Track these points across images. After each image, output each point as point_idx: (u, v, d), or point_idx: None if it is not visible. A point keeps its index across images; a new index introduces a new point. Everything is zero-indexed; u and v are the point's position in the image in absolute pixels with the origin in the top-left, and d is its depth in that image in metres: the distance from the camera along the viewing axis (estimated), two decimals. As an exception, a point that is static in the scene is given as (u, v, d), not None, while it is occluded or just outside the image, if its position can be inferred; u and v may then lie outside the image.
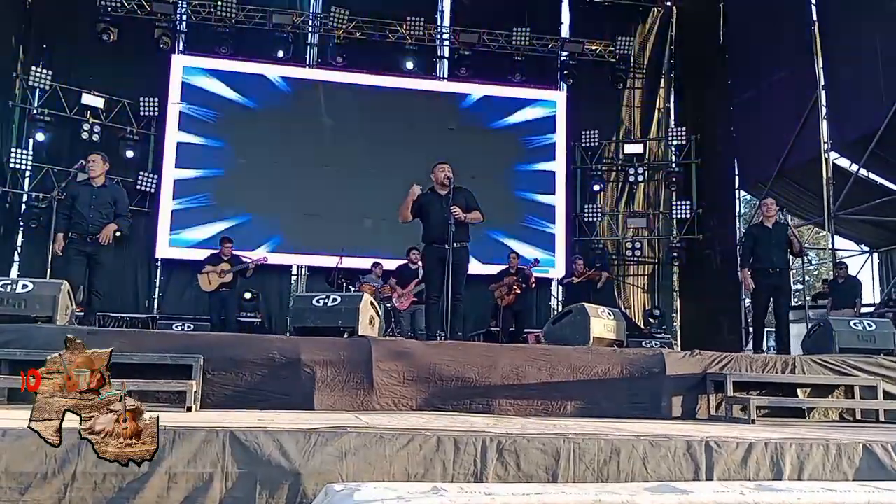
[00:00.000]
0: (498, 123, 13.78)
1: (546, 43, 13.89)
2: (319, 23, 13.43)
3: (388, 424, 3.32)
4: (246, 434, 2.84)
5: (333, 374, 4.82)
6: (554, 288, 13.84)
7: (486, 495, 2.46)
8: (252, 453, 2.81)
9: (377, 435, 2.94)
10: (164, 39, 12.43)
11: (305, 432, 2.90)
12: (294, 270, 13.25)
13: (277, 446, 2.83)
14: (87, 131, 11.89)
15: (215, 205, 12.54)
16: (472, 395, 5.00)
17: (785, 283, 7.57)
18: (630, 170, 13.94)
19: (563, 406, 5.07)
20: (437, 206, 6.54)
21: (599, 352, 5.47)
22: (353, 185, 13.03)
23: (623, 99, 14.55)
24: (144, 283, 12.50)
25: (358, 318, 5.39)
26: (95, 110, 12.09)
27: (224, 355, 4.78)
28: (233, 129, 12.85)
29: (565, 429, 3.44)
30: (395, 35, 13.36)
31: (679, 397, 5.24)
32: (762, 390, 5.33)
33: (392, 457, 2.91)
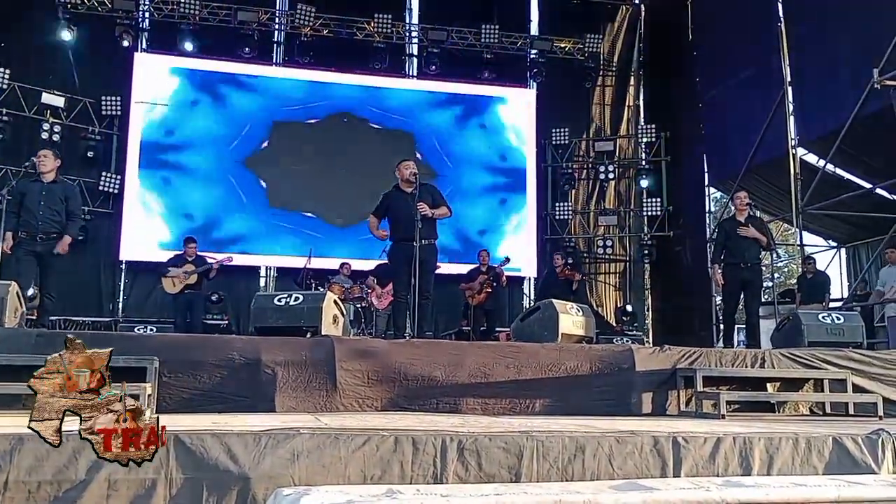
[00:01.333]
0: (467, 121, 13.68)
1: (515, 41, 13.83)
2: (286, 20, 13.24)
3: (345, 425, 3.19)
4: (191, 437, 2.69)
5: (295, 375, 4.70)
6: (526, 286, 13.80)
7: (443, 497, 2.34)
8: (198, 458, 2.66)
9: (331, 436, 2.81)
10: (125, 37, 12.15)
11: (255, 434, 2.76)
12: (262, 272, 13.05)
13: (225, 450, 2.69)
14: (48, 131, 11.58)
15: (180, 205, 12.31)
16: (439, 395, 4.91)
17: (756, 277, 7.56)
18: (601, 167, 13.94)
19: (531, 404, 5.00)
20: (403, 204, 6.44)
21: (568, 348, 5.40)
22: (322, 183, 12.89)
23: (593, 97, 14.54)
24: (108, 287, 12.22)
25: (321, 317, 5.26)
26: (56, 110, 11.79)
27: (181, 357, 4.63)
28: (198, 127, 12.62)
29: (531, 427, 3.33)
30: (363, 33, 13.21)
31: (649, 393, 5.19)
32: (732, 385, 5.28)
33: (347, 458, 2.78)
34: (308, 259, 10.79)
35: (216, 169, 12.62)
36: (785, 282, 20.82)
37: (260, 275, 13.04)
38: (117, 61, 12.39)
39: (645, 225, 14.08)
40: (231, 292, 12.04)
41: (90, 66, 12.29)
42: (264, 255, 12.73)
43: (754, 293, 7.59)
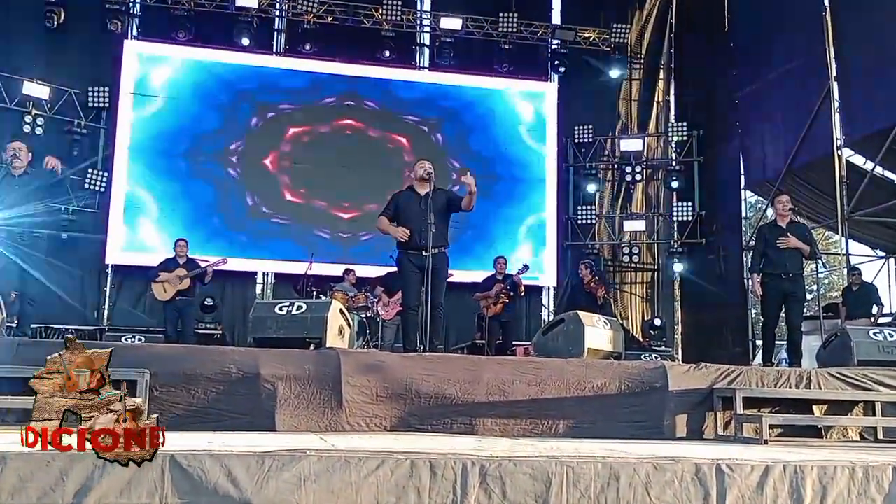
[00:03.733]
0: (481, 117, 13.66)
1: (535, 30, 13.81)
2: (287, 6, 13.27)
3: (355, 447, 3.16)
4: (189, 459, 2.66)
5: (297, 391, 4.69)
6: (545, 297, 13.74)
7: (466, 528, 2.29)
8: (195, 481, 2.64)
9: (342, 459, 2.78)
10: (114, 23, 12.18)
11: (258, 456, 2.73)
12: (259, 277, 13.05)
13: (225, 472, 2.66)
14: (30, 124, 11.63)
15: (172, 205, 12.32)
16: (453, 414, 4.88)
17: (799, 289, 7.47)
18: (627, 168, 13.87)
19: (554, 425, 4.97)
20: (415, 207, 6.40)
21: (595, 365, 5.36)
22: (326, 182, 12.90)
23: (619, 91, 14.50)
24: (93, 292, 12.25)
25: (325, 327, 5.25)
26: (39, 101, 11.82)
27: (174, 370, 4.61)
28: (192, 121, 12.65)
29: (557, 451, 3.29)
30: (371, 20, 13.22)
31: (683, 415, 5.14)
32: (775, 407, 5.23)
33: (359, 484, 2.74)
34: (309, 264, 10.77)
35: (211, 166, 12.64)
36: (826, 294, 20.66)
37: (257, 281, 13.05)
38: (105, 49, 12.42)
39: (675, 231, 13.99)
40: (225, 299, 12.05)
41: (76, 54, 12.34)
42: (261, 260, 12.72)
43: (797, 306, 7.51)
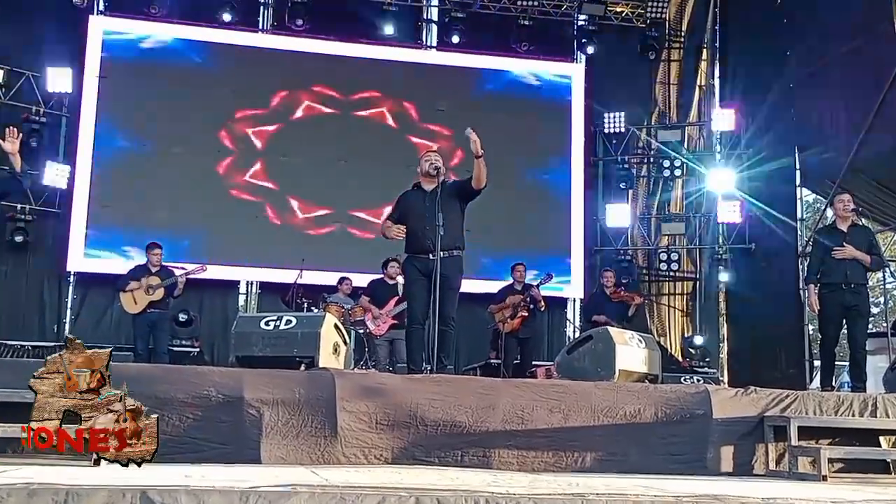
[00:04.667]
0: (498, 104, 13.70)
1: (559, 4, 13.86)
2: (276, -24, 13.38)
3: (352, 482, 3.18)
4: (162, 496, 2.70)
5: (286, 418, 4.74)
6: (570, 310, 13.75)
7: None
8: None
9: (337, 496, 2.81)
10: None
11: (242, 493, 2.77)
12: (242, 287, 13.10)
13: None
14: (-20, 112, 11.75)
15: (143, 204, 12.40)
16: (465, 445, 4.93)
17: (862, 302, 7.47)
18: (664, 162, 13.88)
19: (580, 458, 5.01)
20: (421, 206, 6.42)
21: (628, 389, 5.38)
22: (317, 180, 12.95)
23: (656, 74, 14.54)
24: (53, 303, 12.31)
25: (318, 345, 5.29)
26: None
27: (144, 392, 4.60)
28: (165, 110, 12.74)
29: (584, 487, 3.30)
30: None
31: (729, 447, 5.18)
32: (835, 438, 5.24)
33: (356, 525, 2.76)
34: (300, 273, 10.81)
35: (189, 161, 12.72)
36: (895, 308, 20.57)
37: (239, 291, 13.10)
38: (68, 26, 12.52)
39: (720, 235, 13.98)
40: (203, 312, 12.10)
41: (35, 32, 12.39)
42: (244, 267, 12.77)
43: (860, 322, 7.51)
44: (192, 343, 11.26)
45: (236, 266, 12.65)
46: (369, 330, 10.09)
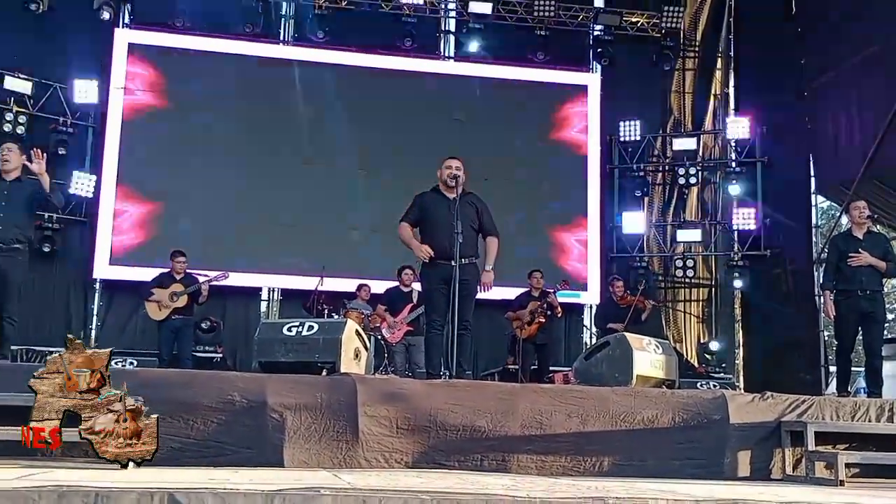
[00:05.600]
0: (514, 112, 13.70)
1: (576, 14, 13.84)
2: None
3: (374, 485, 3.18)
4: (189, 497, 2.70)
5: (308, 422, 4.76)
6: (586, 317, 13.71)
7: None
8: (196, 522, 2.67)
9: (359, 499, 2.81)
10: (104, 10, 12.37)
11: (267, 495, 2.77)
12: (264, 294, 13.14)
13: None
14: (11, 122, 11.82)
15: (167, 212, 12.47)
16: (484, 449, 4.94)
17: (878, 308, 7.41)
18: (680, 170, 13.83)
19: (598, 462, 5.01)
20: (443, 212, 6.43)
21: (645, 394, 5.37)
22: (337, 189, 12.98)
23: (671, 83, 14.48)
24: (79, 310, 12.39)
25: (340, 350, 5.30)
26: (21, 97, 12.04)
27: (170, 397, 4.67)
28: (189, 120, 12.81)
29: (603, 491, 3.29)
30: (390, 4, 13.33)
31: (746, 452, 5.16)
32: (852, 443, 5.21)
33: (378, 528, 2.76)
34: (320, 279, 10.83)
35: (212, 169, 12.77)
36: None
37: (261, 297, 13.15)
38: (95, 39, 12.59)
39: (735, 242, 13.89)
40: (226, 319, 12.13)
41: (63, 44, 12.48)
42: (266, 274, 12.81)
43: (876, 328, 7.45)
44: (216, 349, 11.28)
45: (258, 273, 12.70)
46: (385, 338, 10.13)
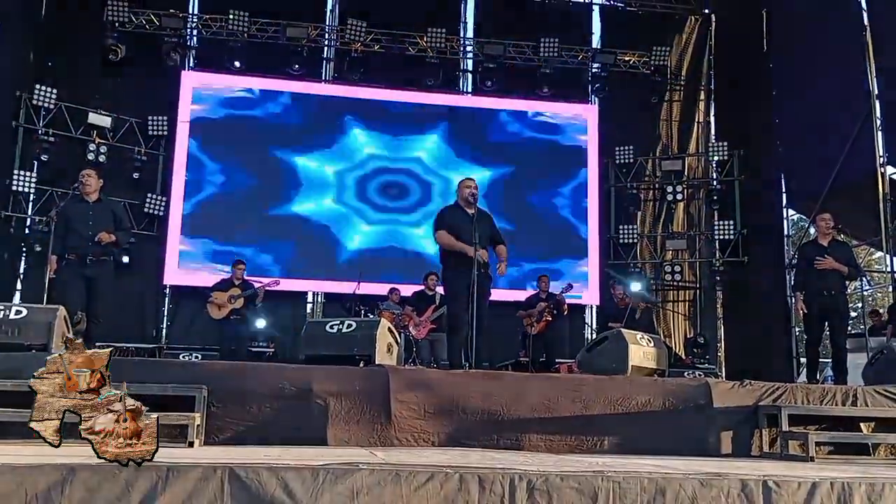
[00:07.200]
0: (524, 139, 13.69)
1: (576, 54, 13.80)
2: (336, 36, 13.47)
3: (405, 461, 3.18)
4: (247, 471, 2.70)
5: (348, 407, 4.73)
6: (588, 315, 13.64)
7: (515, 541, 2.29)
8: (253, 493, 2.67)
9: (393, 472, 2.79)
10: (172, 56, 12.49)
11: (313, 469, 2.76)
12: (310, 297, 13.18)
13: (282, 485, 2.69)
14: (94, 152, 11.93)
15: (226, 227, 12.54)
16: (500, 430, 4.89)
17: (841, 305, 7.36)
18: (668, 188, 13.74)
19: (599, 441, 4.95)
20: (465, 226, 6.45)
21: (639, 382, 5.32)
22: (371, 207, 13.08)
23: (660, 113, 14.41)
24: (152, 312, 12.49)
25: (374, 345, 5.29)
26: (102, 130, 12.15)
27: (230, 386, 4.69)
28: (245, 147, 12.90)
29: (603, 466, 3.27)
30: (416, 48, 13.35)
31: (728, 432, 5.09)
32: (821, 425, 5.12)
33: (409, 497, 2.75)
34: (358, 284, 10.86)
35: (263, 191, 12.85)
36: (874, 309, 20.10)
37: (307, 300, 13.18)
38: (164, 80, 12.71)
39: (717, 250, 13.78)
40: (276, 319, 12.17)
41: (137, 85, 12.65)
42: (311, 280, 12.86)
43: (840, 324, 7.40)
44: (268, 344, 11.33)
45: (305, 279, 12.75)
46: (412, 334, 10.15)
